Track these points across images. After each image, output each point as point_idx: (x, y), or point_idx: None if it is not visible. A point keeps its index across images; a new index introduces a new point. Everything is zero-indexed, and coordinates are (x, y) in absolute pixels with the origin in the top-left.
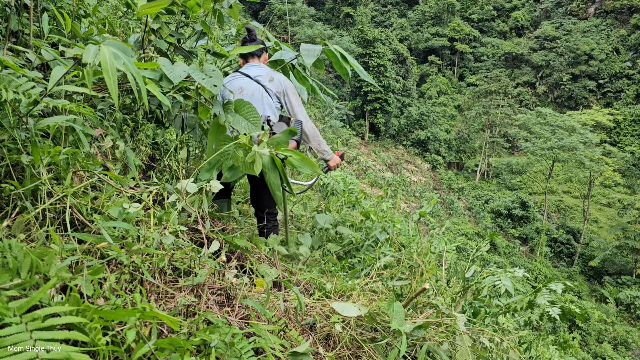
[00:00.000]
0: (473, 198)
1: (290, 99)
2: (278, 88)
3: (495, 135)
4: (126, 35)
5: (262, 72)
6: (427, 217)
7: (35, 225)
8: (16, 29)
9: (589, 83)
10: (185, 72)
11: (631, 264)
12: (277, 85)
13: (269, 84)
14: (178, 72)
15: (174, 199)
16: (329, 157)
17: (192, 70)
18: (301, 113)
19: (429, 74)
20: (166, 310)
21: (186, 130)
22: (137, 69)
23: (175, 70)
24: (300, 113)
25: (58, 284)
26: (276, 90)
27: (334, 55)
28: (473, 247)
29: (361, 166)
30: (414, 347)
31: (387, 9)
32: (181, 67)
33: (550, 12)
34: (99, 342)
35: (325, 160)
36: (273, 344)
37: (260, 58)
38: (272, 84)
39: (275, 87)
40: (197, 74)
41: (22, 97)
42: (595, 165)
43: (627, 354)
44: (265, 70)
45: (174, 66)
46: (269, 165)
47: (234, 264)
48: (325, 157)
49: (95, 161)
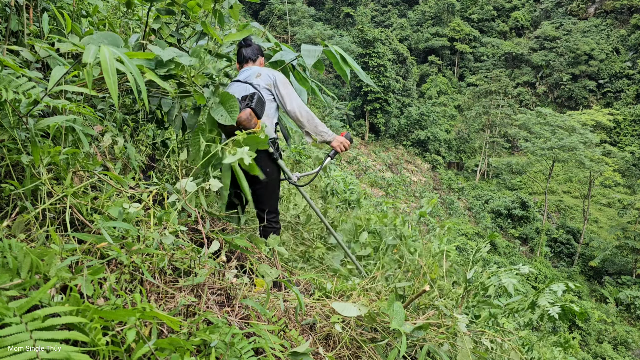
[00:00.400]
0: (473, 198)
1: (279, 89)
2: (267, 81)
3: (495, 135)
4: (126, 35)
5: (250, 72)
6: (427, 217)
7: (35, 225)
8: (16, 29)
9: (589, 83)
10: (174, 53)
11: (631, 264)
12: (265, 79)
13: (256, 80)
14: (168, 53)
15: (174, 199)
16: (330, 138)
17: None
18: (291, 102)
19: (429, 74)
20: (166, 310)
21: (186, 130)
22: (137, 70)
23: (166, 52)
24: (290, 102)
25: (58, 284)
26: (265, 84)
27: (334, 55)
28: (473, 247)
29: (361, 166)
30: (414, 348)
31: (387, 9)
32: (172, 50)
33: (550, 12)
34: (99, 342)
35: (327, 142)
36: (273, 344)
37: (255, 62)
38: (260, 79)
39: (263, 81)
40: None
41: (22, 97)
42: (595, 165)
43: (627, 354)
44: (254, 69)
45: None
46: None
47: (234, 264)
48: (326, 138)
49: (95, 161)
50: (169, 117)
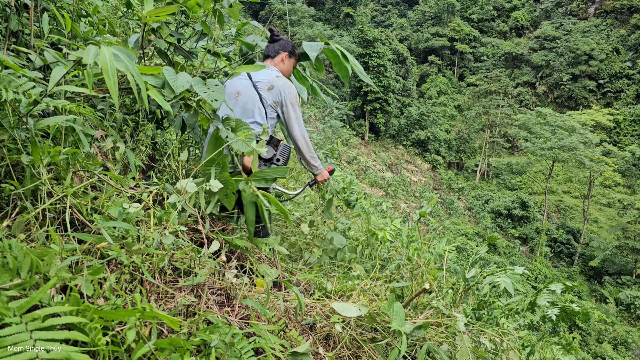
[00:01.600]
0: (473, 198)
1: (287, 109)
2: (276, 98)
3: (495, 135)
4: (126, 35)
5: (265, 78)
6: (427, 217)
7: (35, 225)
8: (16, 29)
9: (589, 83)
10: (188, 82)
11: (631, 264)
12: (275, 95)
13: (266, 93)
14: (181, 82)
15: (174, 199)
16: (317, 172)
17: (195, 82)
18: (297, 128)
19: (429, 74)
20: (166, 310)
21: (186, 130)
22: (137, 71)
23: (179, 79)
24: (295, 129)
25: (58, 284)
26: (273, 101)
27: (334, 55)
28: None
29: (361, 166)
30: (413, 347)
31: (387, 9)
32: (184, 77)
33: (550, 12)
34: (99, 342)
35: (313, 173)
36: (273, 344)
37: (274, 59)
38: (269, 93)
39: (272, 97)
40: (200, 87)
41: (22, 97)
42: (595, 165)
43: (627, 354)
44: (270, 75)
45: (178, 75)
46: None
47: (234, 264)
48: (314, 171)
49: (95, 161)
50: (169, 117)
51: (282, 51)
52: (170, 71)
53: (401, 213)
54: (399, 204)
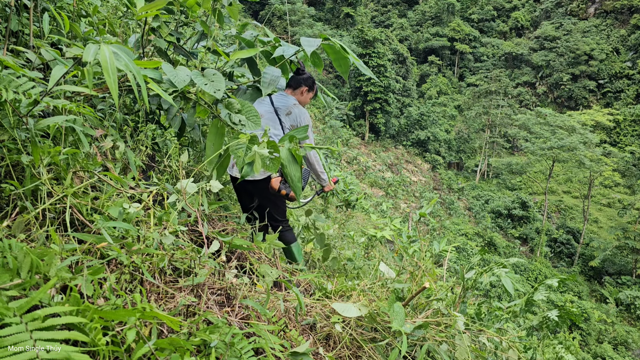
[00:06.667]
0: (473, 198)
1: None
2: (293, 122)
3: (495, 135)
4: (126, 35)
5: (284, 104)
6: (427, 217)
7: (35, 225)
8: (16, 29)
9: (589, 83)
10: (188, 76)
11: (631, 264)
12: (292, 119)
13: (284, 117)
14: (182, 76)
15: (174, 199)
16: (325, 183)
17: (194, 75)
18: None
19: (429, 74)
20: (166, 310)
21: (186, 130)
22: (137, 68)
23: (179, 74)
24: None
25: (58, 284)
26: (290, 124)
27: (334, 51)
28: (473, 247)
29: (361, 166)
30: (413, 347)
31: (387, 9)
32: (184, 71)
33: (550, 12)
34: (99, 342)
35: (321, 185)
36: (273, 344)
37: (294, 90)
38: (287, 117)
39: (290, 121)
40: (200, 79)
41: (22, 97)
42: (595, 165)
43: (627, 354)
44: (289, 102)
45: (177, 70)
46: (288, 159)
47: (234, 264)
48: (322, 183)
49: (95, 161)
50: (168, 116)
51: (304, 85)
52: (169, 67)
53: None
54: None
